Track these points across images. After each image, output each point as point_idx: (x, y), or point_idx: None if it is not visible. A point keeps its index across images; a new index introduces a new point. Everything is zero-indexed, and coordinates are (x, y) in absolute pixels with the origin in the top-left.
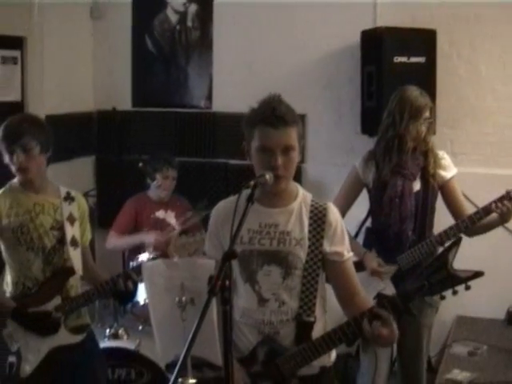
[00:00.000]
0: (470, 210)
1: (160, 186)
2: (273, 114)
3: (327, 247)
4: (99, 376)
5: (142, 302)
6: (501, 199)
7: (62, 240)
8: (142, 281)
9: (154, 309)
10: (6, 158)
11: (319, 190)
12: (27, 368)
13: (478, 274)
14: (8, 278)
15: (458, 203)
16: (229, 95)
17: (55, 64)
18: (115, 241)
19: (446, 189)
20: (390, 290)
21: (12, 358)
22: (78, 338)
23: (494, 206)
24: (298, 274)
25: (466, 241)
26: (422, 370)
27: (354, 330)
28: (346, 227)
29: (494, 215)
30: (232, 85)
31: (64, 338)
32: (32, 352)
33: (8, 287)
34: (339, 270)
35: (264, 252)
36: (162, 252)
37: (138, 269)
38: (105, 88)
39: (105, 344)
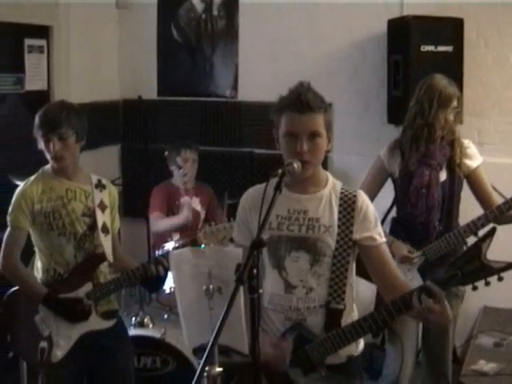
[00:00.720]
0: (496, 198)
1: (184, 171)
2: (298, 99)
3: (357, 234)
4: (128, 361)
5: (167, 291)
6: None
7: (92, 227)
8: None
9: (181, 297)
10: (42, 145)
11: (345, 179)
12: (58, 353)
13: (511, 266)
14: (38, 264)
15: (485, 192)
16: (254, 85)
17: (81, 53)
18: (163, 222)
19: (472, 178)
20: (416, 280)
21: (43, 344)
22: (109, 324)
23: None
24: (326, 261)
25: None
26: (448, 361)
27: (384, 316)
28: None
29: None
30: (257, 74)
31: (95, 323)
32: (63, 337)
33: (38, 274)
34: (374, 255)
35: (292, 238)
36: (188, 240)
37: (168, 255)
38: (130, 77)
39: (130, 332)
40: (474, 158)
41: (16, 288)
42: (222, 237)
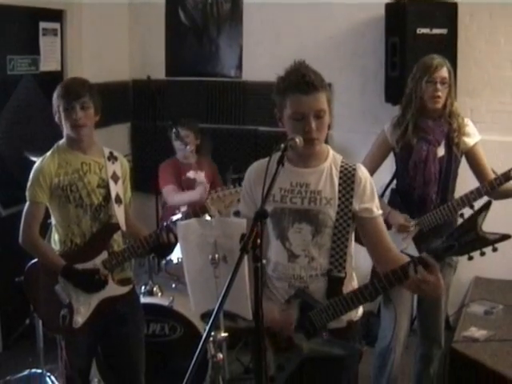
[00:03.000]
0: (493, 175)
1: (190, 148)
2: (303, 80)
3: (356, 205)
4: (140, 327)
5: (175, 261)
6: None
7: (106, 197)
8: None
9: (188, 266)
10: (61, 116)
11: (344, 155)
12: (79, 319)
13: (505, 237)
14: (55, 236)
15: (482, 169)
16: (258, 65)
17: (93, 35)
18: (178, 196)
19: (470, 155)
20: (411, 249)
21: (64, 311)
22: (125, 290)
23: None
24: (327, 232)
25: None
26: (441, 327)
27: (384, 284)
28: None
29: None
30: (261, 55)
31: (112, 289)
32: (83, 304)
33: (56, 246)
34: (370, 227)
35: (295, 210)
36: (193, 212)
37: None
38: (140, 58)
39: (140, 300)
40: (472, 135)
41: (34, 261)
42: (228, 202)
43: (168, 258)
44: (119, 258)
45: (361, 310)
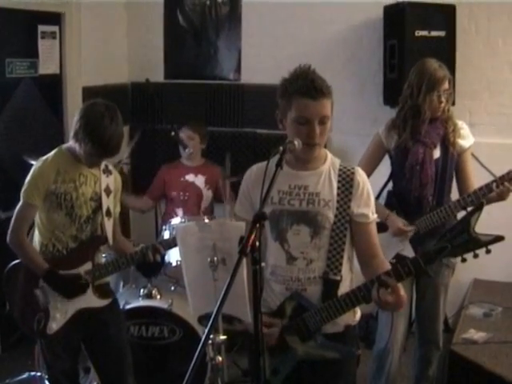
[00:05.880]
0: (474, 182)
1: (189, 151)
2: (312, 85)
3: (354, 209)
4: (123, 329)
5: (174, 264)
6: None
7: (96, 210)
8: (176, 245)
9: (187, 269)
10: (85, 148)
11: (343, 158)
12: (54, 325)
13: (498, 239)
14: (36, 238)
15: (466, 173)
16: (257, 67)
17: (92, 38)
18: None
19: (461, 158)
20: (408, 251)
21: (40, 316)
22: (104, 303)
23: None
24: (326, 234)
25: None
26: (439, 329)
27: (377, 288)
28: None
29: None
30: (260, 58)
31: (92, 301)
32: (60, 312)
33: (36, 247)
34: (363, 232)
35: (293, 212)
36: (193, 216)
37: (166, 242)
38: (138, 61)
39: (139, 303)
40: (467, 138)
41: (17, 261)
42: None
43: (166, 261)
44: (102, 271)
45: (358, 314)
